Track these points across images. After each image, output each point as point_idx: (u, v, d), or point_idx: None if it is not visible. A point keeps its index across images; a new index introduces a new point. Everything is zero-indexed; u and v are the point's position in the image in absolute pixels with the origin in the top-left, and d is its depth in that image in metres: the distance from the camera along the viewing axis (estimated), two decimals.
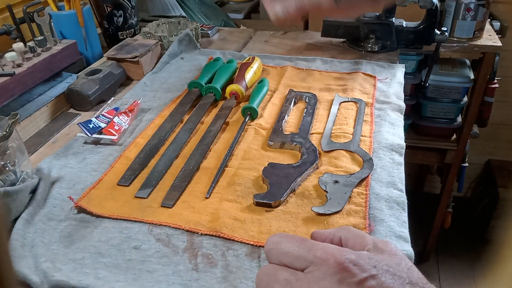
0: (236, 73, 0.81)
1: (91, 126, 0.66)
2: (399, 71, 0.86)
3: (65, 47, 0.84)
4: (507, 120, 1.85)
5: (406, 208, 0.52)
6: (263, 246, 0.43)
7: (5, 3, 0.85)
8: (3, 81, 0.70)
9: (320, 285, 0.32)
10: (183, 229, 0.49)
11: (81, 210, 0.52)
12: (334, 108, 0.73)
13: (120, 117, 0.69)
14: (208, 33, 1.10)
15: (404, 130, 0.68)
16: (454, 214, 1.74)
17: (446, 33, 1.19)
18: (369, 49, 0.98)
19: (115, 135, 0.66)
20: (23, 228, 0.49)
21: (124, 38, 1.02)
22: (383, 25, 0.98)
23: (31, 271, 0.44)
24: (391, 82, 0.82)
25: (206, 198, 0.54)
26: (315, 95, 0.76)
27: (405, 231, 0.49)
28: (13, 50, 0.74)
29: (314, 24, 1.43)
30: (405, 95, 0.79)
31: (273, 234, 0.37)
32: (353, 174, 0.56)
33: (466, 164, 1.62)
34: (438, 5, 0.95)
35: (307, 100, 0.75)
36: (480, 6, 1.25)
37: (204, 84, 0.77)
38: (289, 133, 0.66)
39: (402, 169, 0.59)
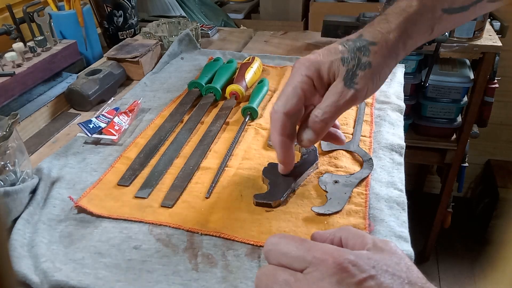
0: (236, 73, 0.81)
1: (91, 126, 0.66)
2: (399, 71, 0.86)
3: (65, 47, 0.84)
4: (507, 120, 1.85)
5: (406, 208, 0.52)
6: (263, 246, 0.43)
7: (5, 3, 0.85)
8: (3, 81, 0.70)
9: (319, 286, 0.32)
10: (183, 229, 0.49)
11: (81, 210, 0.52)
12: None
13: (120, 117, 0.69)
14: (208, 33, 1.10)
15: (404, 130, 0.68)
16: (454, 214, 1.74)
17: (446, 33, 1.19)
18: None
19: (115, 135, 0.66)
20: (23, 228, 0.49)
21: (124, 38, 1.02)
22: None
23: (31, 271, 0.44)
24: (391, 82, 0.82)
25: (206, 198, 0.54)
26: None
27: (405, 231, 0.49)
28: (13, 50, 0.74)
29: (314, 24, 1.44)
30: (405, 95, 0.79)
31: (272, 235, 0.37)
32: (353, 174, 0.56)
33: (466, 164, 1.62)
34: None
35: None
36: None
37: (204, 84, 0.77)
38: None
39: (402, 169, 0.59)
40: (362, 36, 0.49)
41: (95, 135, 0.66)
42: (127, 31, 1.04)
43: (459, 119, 1.52)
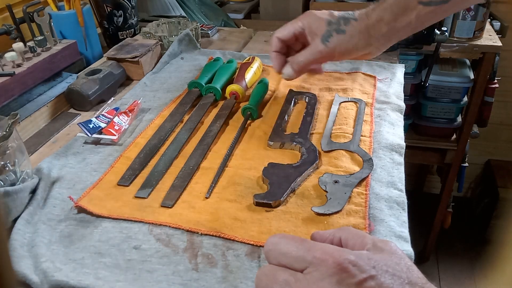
0: (236, 73, 0.81)
1: (91, 126, 0.66)
2: (399, 71, 0.86)
3: (65, 47, 0.84)
4: (507, 120, 1.85)
5: (406, 208, 0.52)
6: (263, 246, 0.43)
7: (5, 3, 0.85)
8: (3, 81, 0.70)
9: (319, 286, 0.32)
10: (183, 229, 0.49)
11: (81, 210, 0.52)
12: (334, 108, 0.73)
13: (120, 117, 0.69)
14: (208, 33, 1.10)
15: (404, 130, 0.68)
16: (454, 214, 1.74)
17: (446, 33, 1.19)
18: None
19: (115, 135, 0.66)
20: (23, 228, 0.49)
21: (124, 38, 1.02)
22: None
23: (31, 271, 0.44)
24: (391, 82, 0.82)
25: (206, 198, 0.54)
26: (315, 95, 0.76)
27: (405, 231, 0.49)
28: (13, 50, 0.74)
29: None
30: (405, 95, 0.79)
31: (273, 235, 0.37)
32: (353, 174, 0.56)
33: (466, 164, 1.62)
34: None
35: (307, 100, 0.75)
36: (480, 6, 1.25)
37: (204, 84, 0.77)
38: (289, 133, 0.66)
39: (402, 169, 0.59)
40: (355, 12, 0.64)
41: (95, 135, 0.66)
42: (127, 31, 1.04)
43: (459, 119, 1.52)
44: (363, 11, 0.63)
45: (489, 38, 1.33)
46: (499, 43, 1.30)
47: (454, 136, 1.55)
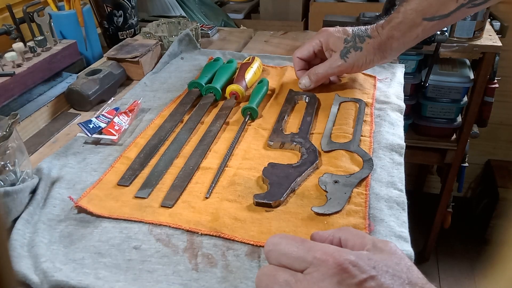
0: (236, 73, 0.81)
1: (91, 126, 0.66)
2: (399, 71, 0.86)
3: (65, 47, 0.84)
4: (507, 120, 1.85)
5: (406, 208, 0.52)
6: (263, 246, 0.43)
7: (5, 3, 0.85)
8: (3, 81, 0.70)
9: (320, 286, 0.32)
10: (183, 229, 0.49)
11: (81, 210, 0.52)
12: (334, 108, 0.73)
13: (120, 117, 0.69)
14: (208, 33, 1.10)
15: (404, 130, 0.68)
16: (454, 214, 1.74)
17: (446, 33, 1.19)
18: None
19: (115, 135, 0.66)
20: (23, 228, 0.49)
21: (124, 38, 1.02)
22: None
23: (31, 271, 0.44)
24: (391, 82, 0.82)
25: (206, 198, 0.54)
26: (315, 95, 0.76)
27: (405, 231, 0.49)
28: (13, 50, 0.74)
29: (314, 24, 1.44)
30: (405, 95, 0.79)
31: (273, 235, 0.37)
32: (353, 174, 0.56)
33: (466, 164, 1.62)
34: None
35: (307, 100, 0.75)
36: None
37: (204, 84, 0.77)
38: (289, 133, 0.66)
39: (402, 169, 0.59)
40: (367, 29, 0.71)
41: (95, 135, 0.66)
42: (127, 31, 1.04)
43: (459, 119, 1.52)
44: (374, 28, 0.71)
45: (489, 38, 1.33)
46: (499, 43, 1.30)
47: (454, 136, 1.55)
